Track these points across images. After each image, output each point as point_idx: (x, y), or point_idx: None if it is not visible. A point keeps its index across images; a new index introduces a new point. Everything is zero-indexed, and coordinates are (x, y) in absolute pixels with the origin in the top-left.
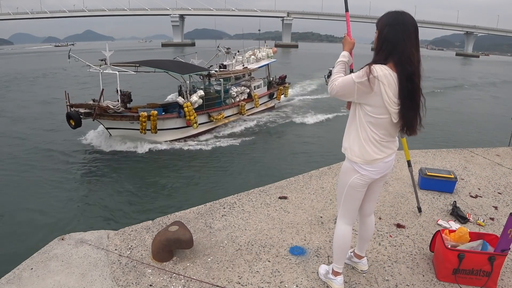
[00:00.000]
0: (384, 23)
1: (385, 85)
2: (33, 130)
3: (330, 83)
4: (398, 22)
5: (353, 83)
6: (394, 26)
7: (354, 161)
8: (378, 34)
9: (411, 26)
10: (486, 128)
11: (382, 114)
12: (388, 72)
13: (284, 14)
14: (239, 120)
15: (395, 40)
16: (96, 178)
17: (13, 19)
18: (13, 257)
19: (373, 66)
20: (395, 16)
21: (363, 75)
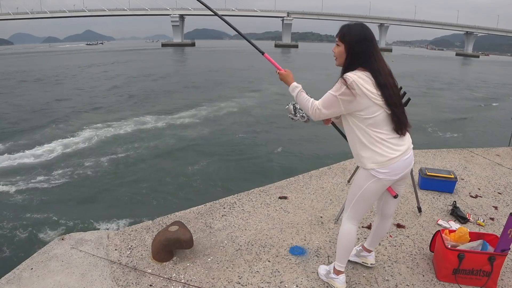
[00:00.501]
0: (353, 39)
1: (363, 84)
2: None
3: (311, 109)
4: (366, 37)
5: (335, 98)
6: (363, 42)
7: (369, 168)
8: (346, 49)
9: (375, 40)
10: (486, 128)
11: (376, 111)
12: (359, 73)
13: (284, 14)
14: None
15: (366, 55)
16: (96, 178)
17: (13, 19)
18: (13, 257)
19: (345, 75)
20: (363, 31)
21: (341, 86)
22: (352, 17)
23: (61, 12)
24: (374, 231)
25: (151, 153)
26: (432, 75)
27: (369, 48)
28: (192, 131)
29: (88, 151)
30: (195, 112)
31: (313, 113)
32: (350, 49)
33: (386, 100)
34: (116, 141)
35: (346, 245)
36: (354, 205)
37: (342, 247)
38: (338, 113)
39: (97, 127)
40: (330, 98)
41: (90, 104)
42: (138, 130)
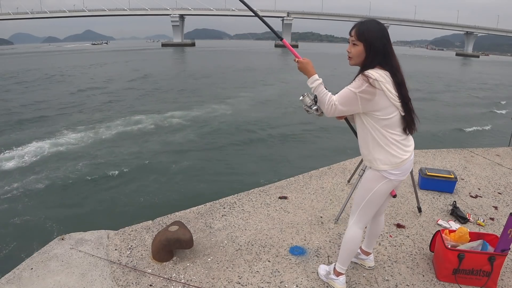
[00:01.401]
0: (373, 36)
1: (384, 83)
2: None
3: (328, 104)
4: (384, 34)
5: (354, 95)
6: (383, 40)
7: (382, 169)
8: (366, 47)
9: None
10: (486, 128)
11: (392, 112)
12: (379, 71)
13: (284, 14)
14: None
15: (386, 53)
16: (96, 178)
17: (13, 19)
18: (13, 257)
19: (367, 72)
20: (380, 27)
21: (362, 83)
22: (352, 17)
23: (61, 12)
24: (369, 232)
25: (150, 153)
26: (432, 75)
27: (388, 44)
28: (192, 131)
29: (87, 151)
30: (194, 112)
31: (328, 109)
32: (370, 47)
33: (402, 100)
34: (115, 141)
35: (351, 249)
36: (363, 208)
37: (346, 251)
38: (354, 111)
39: (95, 127)
40: (349, 94)
41: (91, 104)
42: (137, 130)
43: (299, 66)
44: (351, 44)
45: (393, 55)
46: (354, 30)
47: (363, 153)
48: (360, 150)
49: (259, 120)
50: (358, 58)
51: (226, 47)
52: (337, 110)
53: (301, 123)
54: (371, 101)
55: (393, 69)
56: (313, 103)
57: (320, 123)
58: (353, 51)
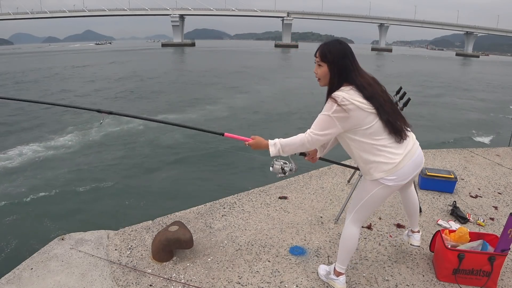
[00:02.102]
0: (336, 56)
1: (353, 98)
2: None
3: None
4: (346, 53)
5: (329, 117)
6: (345, 59)
7: (378, 177)
8: (330, 68)
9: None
10: (486, 128)
11: (372, 120)
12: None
13: (284, 14)
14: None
15: (349, 71)
16: (96, 178)
17: (13, 19)
18: (13, 257)
19: (333, 94)
20: (343, 47)
21: (332, 105)
22: (352, 17)
23: (61, 12)
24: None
25: (150, 152)
26: (432, 75)
27: (351, 63)
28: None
29: (87, 151)
30: (192, 111)
31: (309, 142)
32: (334, 68)
33: (377, 110)
34: (115, 140)
35: (349, 248)
36: (359, 209)
37: (344, 250)
38: (334, 134)
39: (94, 126)
40: (324, 119)
41: (93, 102)
42: (137, 129)
43: (252, 148)
44: (317, 65)
45: (357, 71)
46: (318, 51)
47: (358, 164)
48: (355, 162)
49: (258, 121)
50: (324, 79)
51: (226, 47)
52: (318, 138)
53: (300, 123)
54: (349, 118)
55: (358, 86)
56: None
57: None
58: (319, 72)
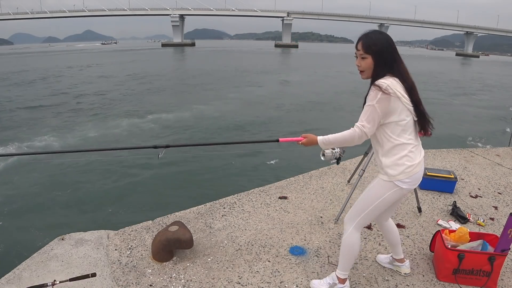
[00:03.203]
0: (380, 47)
1: (396, 87)
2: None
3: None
4: (389, 43)
5: (373, 107)
6: (389, 49)
7: (395, 178)
8: (375, 59)
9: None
10: (486, 128)
11: (407, 116)
12: (390, 78)
13: (284, 14)
14: None
15: (393, 61)
16: (96, 178)
17: (13, 19)
18: (13, 257)
19: (378, 82)
20: (385, 37)
21: (376, 93)
22: (352, 17)
23: (61, 12)
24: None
25: (149, 152)
26: (431, 75)
27: (394, 52)
28: (191, 130)
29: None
30: (191, 111)
31: (360, 136)
32: (379, 59)
33: (414, 104)
34: (114, 140)
35: (353, 254)
36: (367, 214)
37: (348, 256)
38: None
39: (94, 126)
40: (369, 109)
41: (94, 101)
42: (135, 129)
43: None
44: (360, 58)
45: (400, 61)
46: (360, 44)
47: (378, 163)
48: (376, 160)
49: (258, 121)
50: (369, 71)
51: (225, 47)
52: (368, 129)
53: (300, 123)
54: (388, 106)
55: (402, 75)
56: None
57: (320, 123)
58: (363, 65)
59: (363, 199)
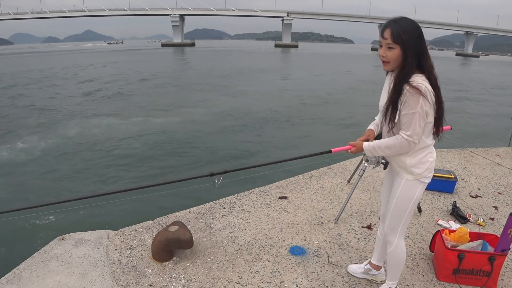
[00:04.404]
0: (411, 37)
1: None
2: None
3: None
4: (420, 35)
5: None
6: (419, 40)
7: (423, 176)
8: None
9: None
10: (486, 128)
11: (432, 115)
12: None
13: (284, 14)
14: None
15: (422, 53)
16: (96, 178)
17: (13, 19)
18: (13, 257)
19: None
20: (417, 27)
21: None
22: (352, 17)
23: (61, 12)
24: (383, 243)
25: (149, 152)
26: None
27: (424, 44)
28: (191, 129)
29: (87, 150)
30: (190, 111)
31: (408, 146)
32: (408, 50)
33: (439, 103)
34: (114, 140)
35: (402, 262)
36: (406, 219)
37: (397, 266)
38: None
39: (94, 125)
40: (413, 117)
41: (96, 100)
42: (136, 129)
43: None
44: (385, 47)
45: (428, 55)
46: (389, 31)
47: (398, 163)
48: (394, 163)
49: (258, 121)
50: (395, 63)
51: (225, 47)
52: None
53: (299, 123)
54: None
55: (428, 72)
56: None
57: (320, 123)
58: (389, 55)
59: (397, 207)
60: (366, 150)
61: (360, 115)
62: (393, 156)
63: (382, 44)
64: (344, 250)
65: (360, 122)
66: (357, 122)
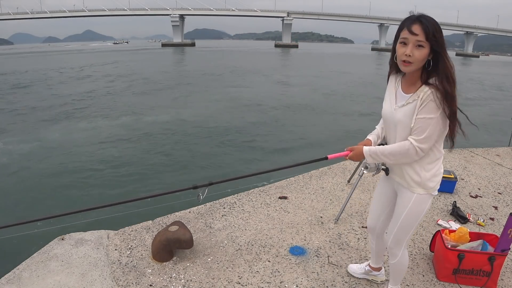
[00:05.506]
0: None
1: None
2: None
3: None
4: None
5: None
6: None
7: (435, 189)
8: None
9: None
10: (486, 128)
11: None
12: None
13: (284, 14)
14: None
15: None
16: (96, 178)
17: (13, 19)
18: (13, 257)
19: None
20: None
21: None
22: (352, 17)
23: (61, 12)
24: (377, 248)
25: (148, 152)
26: None
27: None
28: (190, 129)
29: (86, 149)
30: (190, 110)
31: (416, 154)
32: (437, 52)
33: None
34: (113, 139)
35: (405, 269)
36: (412, 231)
37: (400, 273)
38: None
39: (94, 124)
40: (431, 123)
41: (97, 98)
42: (135, 129)
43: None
44: (413, 45)
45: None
46: (420, 27)
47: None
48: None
49: (258, 121)
50: (418, 64)
51: (225, 47)
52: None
53: (299, 123)
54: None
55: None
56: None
57: (320, 124)
58: (417, 55)
59: (406, 223)
60: (367, 155)
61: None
62: (405, 168)
63: (407, 41)
64: (344, 250)
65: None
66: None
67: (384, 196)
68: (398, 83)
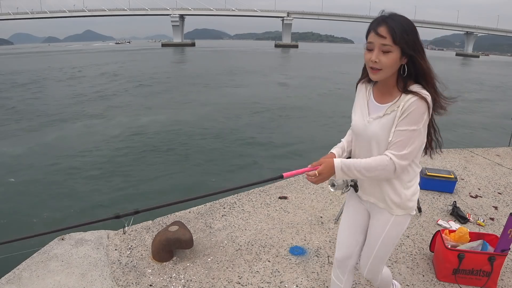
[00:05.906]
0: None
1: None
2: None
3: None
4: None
5: (419, 133)
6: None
7: (413, 209)
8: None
9: None
10: (486, 128)
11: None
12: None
13: (284, 14)
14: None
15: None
16: (96, 178)
17: (13, 19)
18: (13, 257)
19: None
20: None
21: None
22: (352, 17)
23: (61, 12)
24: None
25: (148, 152)
26: None
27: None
28: (191, 129)
29: (86, 149)
30: (190, 110)
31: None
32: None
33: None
34: (113, 140)
35: (391, 281)
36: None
37: (388, 285)
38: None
39: (95, 123)
40: (413, 135)
41: (101, 97)
42: (135, 129)
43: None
44: (378, 50)
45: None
46: (385, 29)
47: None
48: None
49: (258, 121)
50: (390, 70)
51: (225, 47)
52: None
53: (299, 123)
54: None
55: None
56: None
57: (320, 123)
58: (384, 61)
59: (383, 249)
60: (338, 169)
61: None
62: (384, 187)
63: (373, 46)
64: None
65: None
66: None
67: (357, 220)
68: (369, 92)
